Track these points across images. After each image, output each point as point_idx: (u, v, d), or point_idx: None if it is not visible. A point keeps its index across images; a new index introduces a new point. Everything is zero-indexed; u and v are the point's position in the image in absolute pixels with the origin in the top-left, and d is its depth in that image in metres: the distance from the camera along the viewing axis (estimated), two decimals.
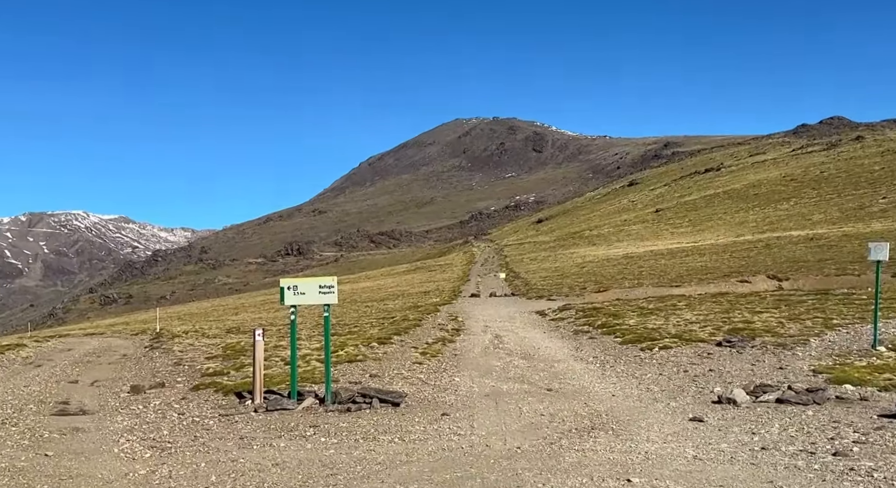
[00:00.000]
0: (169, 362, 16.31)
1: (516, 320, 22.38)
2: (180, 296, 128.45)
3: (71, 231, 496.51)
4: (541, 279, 45.13)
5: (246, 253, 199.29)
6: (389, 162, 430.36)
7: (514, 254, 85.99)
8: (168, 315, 51.77)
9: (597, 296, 28.45)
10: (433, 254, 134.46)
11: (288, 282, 10.18)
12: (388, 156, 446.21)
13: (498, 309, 27.51)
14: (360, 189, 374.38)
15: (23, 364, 18.01)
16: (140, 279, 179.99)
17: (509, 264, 69.61)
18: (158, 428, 8.75)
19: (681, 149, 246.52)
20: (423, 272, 76.07)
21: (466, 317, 23.54)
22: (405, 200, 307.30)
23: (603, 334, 16.66)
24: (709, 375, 10.99)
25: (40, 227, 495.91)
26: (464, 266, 78.75)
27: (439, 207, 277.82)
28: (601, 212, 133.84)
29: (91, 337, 30.93)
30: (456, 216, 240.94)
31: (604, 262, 52.37)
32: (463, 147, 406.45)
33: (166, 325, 33.35)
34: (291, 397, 9.88)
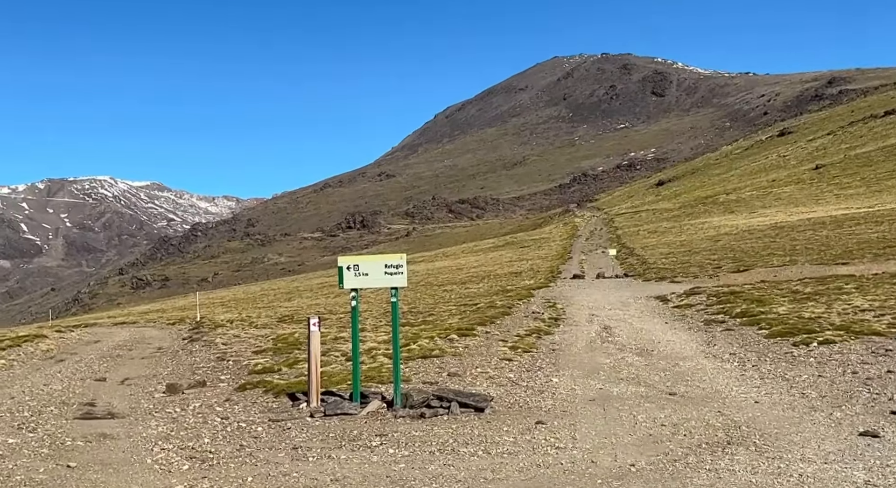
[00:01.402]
0: (211, 357, 16.98)
1: (630, 307, 22.05)
2: (224, 279, 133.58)
3: (96, 201, 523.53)
4: (662, 256, 44.19)
5: (300, 226, 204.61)
6: (472, 113, 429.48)
7: (627, 226, 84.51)
8: (210, 300, 54.02)
9: (735, 278, 27.64)
10: (525, 226, 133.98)
11: (347, 262, 10.32)
12: (470, 105, 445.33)
13: (607, 293, 27.17)
14: (435, 147, 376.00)
15: (43, 358, 19.20)
16: (177, 258, 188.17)
17: (621, 238, 68.52)
18: (199, 436, 9.12)
19: (850, 87, 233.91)
20: (514, 248, 75.98)
21: (567, 304, 23.37)
22: (491, 160, 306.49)
23: (743, 325, 16.20)
24: (886, 378, 10.46)
25: (61, 197, 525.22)
26: (564, 240, 78.10)
27: (533, 168, 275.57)
28: (741, 170, 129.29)
29: (121, 327, 32.65)
30: (554, 179, 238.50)
31: (744, 234, 50.67)
32: (563, 92, 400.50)
33: (208, 313, 34.80)
34: (354, 400, 10.09)
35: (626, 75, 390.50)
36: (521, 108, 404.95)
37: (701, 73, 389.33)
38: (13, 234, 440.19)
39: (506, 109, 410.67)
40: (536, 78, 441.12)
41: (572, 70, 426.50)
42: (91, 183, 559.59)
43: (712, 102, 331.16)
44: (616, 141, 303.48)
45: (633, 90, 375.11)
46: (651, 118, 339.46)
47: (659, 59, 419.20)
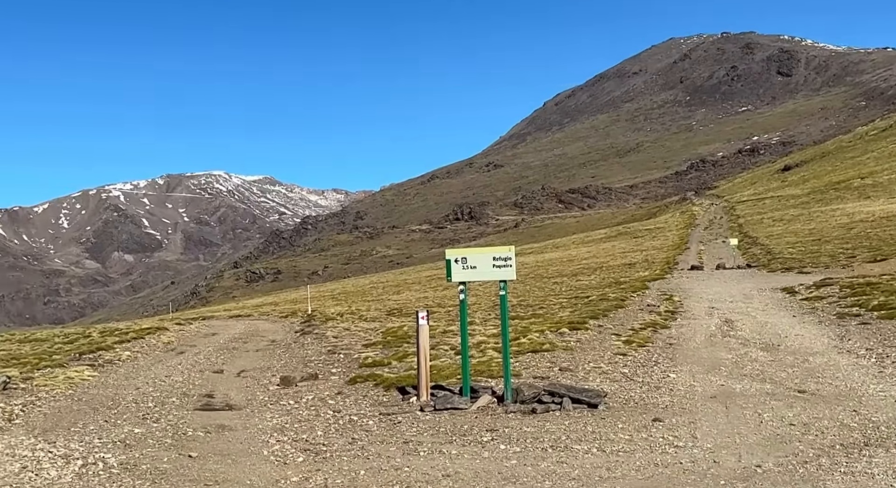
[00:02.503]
0: (322, 350, 17.50)
1: (754, 300, 21.33)
2: (334, 272, 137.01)
3: (212, 195, 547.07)
4: (788, 245, 42.45)
5: (407, 218, 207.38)
6: (582, 99, 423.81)
7: (749, 214, 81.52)
8: (320, 293, 55.56)
9: (871, 268, 26.26)
10: (639, 215, 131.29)
11: (455, 254, 10.40)
12: (580, 92, 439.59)
13: (728, 285, 26.39)
14: (544, 135, 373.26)
15: (164, 350, 20.25)
16: (288, 251, 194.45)
17: (743, 227, 66.24)
18: (312, 428, 9.42)
19: None
20: (627, 239, 74.63)
21: (685, 296, 22.83)
22: (602, 148, 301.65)
23: (881, 318, 15.40)
24: None
25: (179, 192, 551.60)
26: (681, 230, 76.14)
27: (647, 155, 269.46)
28: (879, 152, 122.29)
29: (236, 319, 34.05)
30: (669, 166, 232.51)
31: (881, 222, 48.00)
32: (679, 75, 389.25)
33: (319, 306, 35.81)
34: (463, 394, 10.17)
35: (749, 55, 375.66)
36: (634, 92, 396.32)
37: (833, 50, 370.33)
38: (136, 230, 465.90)
39: (618, 95, 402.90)
40: (651, 61, 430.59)
41: (690, 51, 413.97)
42: (207, 178, 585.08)
43: (845, 81, 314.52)
44: (737, 124, 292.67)
45: (756, 70, 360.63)
46: (776, 99, 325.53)
47: (785, 37, 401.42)
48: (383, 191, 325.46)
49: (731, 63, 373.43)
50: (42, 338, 25.78)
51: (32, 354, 19.45)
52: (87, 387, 13.42)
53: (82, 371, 15.16)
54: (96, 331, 27.35)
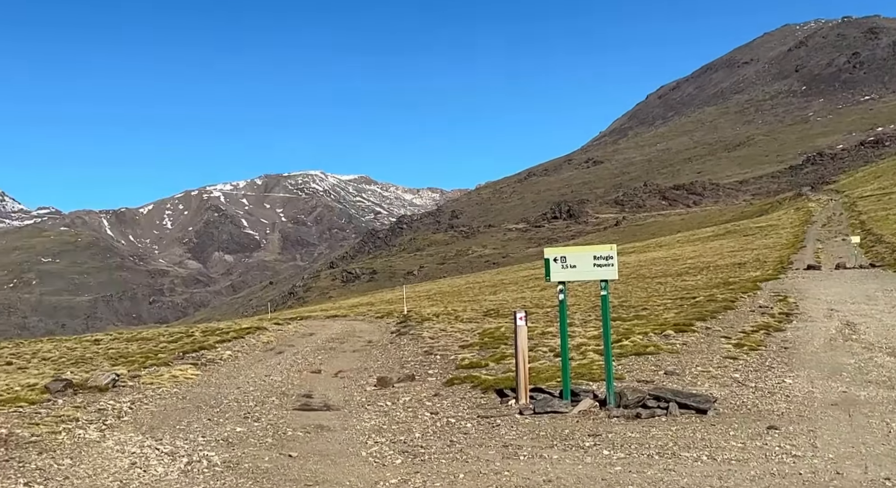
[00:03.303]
0: (418, 350, 17.68)
1: (878, 301, 20.36)
2: (429, 272, 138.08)
3: (308, 195, 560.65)
4: None
5: (504, 217, 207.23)
6: (688, 91, 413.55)
7: (873, 210, 77.83)
8: (416, 294, 56.12)
9: None
10: (750, 212, 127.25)
11: (554, 253, 10.33)
12: (686, 84, 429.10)
13: (849, 285, 25.29)
14: (647, 130, 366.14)
15: (263, 350, 20.88)
16: (384, 251, 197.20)
17: (866, 224, 63.31)
18: (409, 430, 9.53)
19: None
20: (736, 237, 72.44)
21: (800, 297, 22.00)
22: (709, 142, 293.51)
23: None
24: None
25: (277, 192, 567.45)
26: (795, 227, 73.39)
27: (758, 149, 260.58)
28: None
29: (333, 319, 34.76)
30: (783, 160, 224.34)
31: None
32: (794, 63, 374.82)
33: (414, 306, 36.18)
34: (564, 397, 10.09)
35: (873, 40, 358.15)
36: (744, 83, 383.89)
37: None
38: (235, 230, 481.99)
39: (727, 86, 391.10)
40: (763, 49, 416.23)
41: (806, 38, 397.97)
42: (303, 177, 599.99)
43: None
44: (859, 115, 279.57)
45: (881, 57, 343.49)
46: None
47: None
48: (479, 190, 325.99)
49: (853, 49, 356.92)
50: (148, 336, 26.99)
51: (139, 353, 20.39)
52: (191, 386, 13.96)
53: (186, 369, 15.78)
54: (199, 331, 28.44)
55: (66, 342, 27.58)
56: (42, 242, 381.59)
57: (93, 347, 23.88)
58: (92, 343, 25.85)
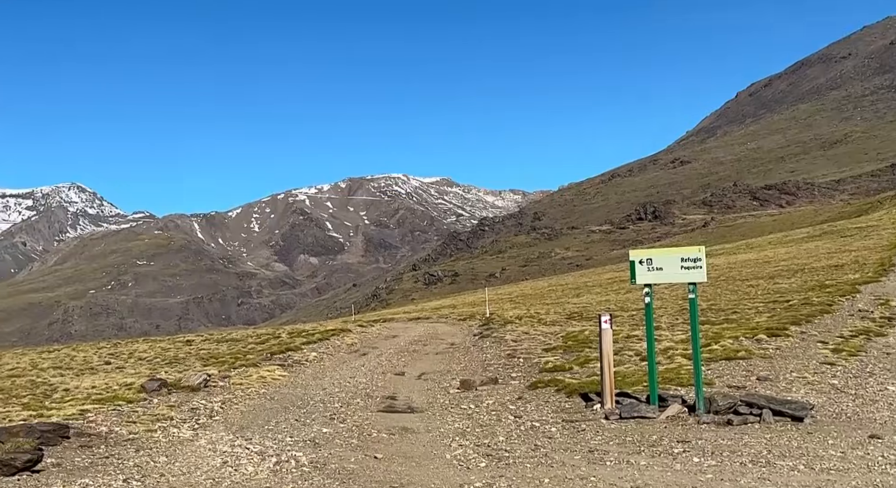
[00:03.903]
0: (501, 353, 17.66)
1: None
2: (511, 274, 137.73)
3: (391, 198, 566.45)
4: None
5: (587, 218, 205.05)
6: (781, 88, 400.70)
7: None
8: (498, 296, 56.03)
9: None
10: (847, 212, 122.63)
11: (640, 255, 10.20)
12: (778, 80, 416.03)
13: None
14: (737, 129, 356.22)
15: (348, 352, 21.20)
16: (465, 253, 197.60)
17: None
18: (493, 433, 9.53)
19: None
20: (833, 238, 69.88)
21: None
22: (804, 140, 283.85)
23: None
24: None
25: (360, 195, 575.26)
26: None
27: (857, 147, 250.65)
28: None
29: (416, 322, 35.01)
30: (884, 158, 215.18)
31: None
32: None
33: (497, 309, 36.11)
34: (651, 402, 9.93)
35: None
36: (842, 78, 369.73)
37: None
38: (320, 233, 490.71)
39: (823, 82, 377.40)
40: (863, 43, 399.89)
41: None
42: (386, 180, 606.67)
43: None
44: None
45: None
46: None
47: None
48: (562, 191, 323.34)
49: None
50: (237, 338, 27.73)
51: (229, 354, 20.97)
52: (279, 387, 14.28)
53: (273, 370, 16.15)
54: (285, 332, 29.07)
55: (161, 342, 28.57)
56: (137, 245, 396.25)
57: (185, 348, 24.67)
58: (184, 343, 26.71)
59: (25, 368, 20.87)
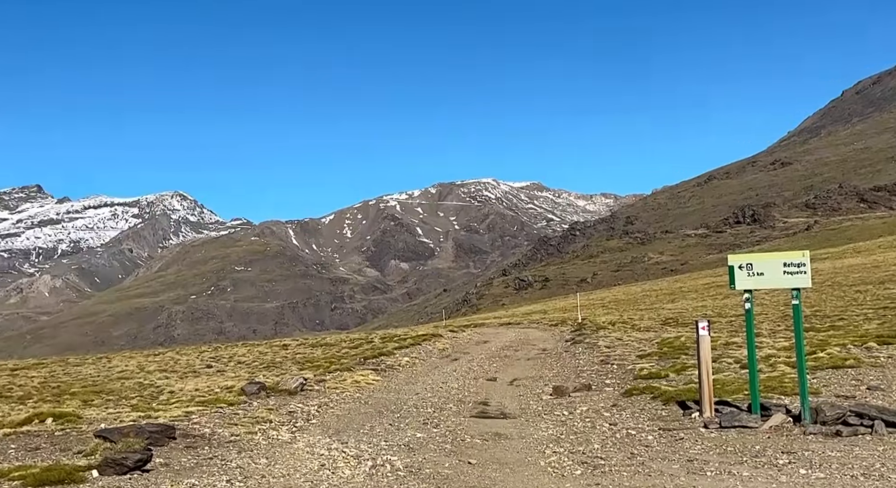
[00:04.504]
0: (594, 359, 17.50)
1: None
2: (603, 279, 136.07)
3: (481, 203, 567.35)
4: None
5: (682, 222, 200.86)
6: (891, 85, 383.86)
7: None
8: (589, 301, 55.48)
9: None
10: None
11: (739, 260, 9.96)
12: (888, 77, 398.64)
13: None
14: (842, 128, 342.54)
15: (440, 357, 21.35)
16: (556, 258, 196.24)
17: None
18: (588, 440, 9.42)
19: None
20: None
21: None
22: None
23: None
24: None
25: (450, 200, 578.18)
26: None
27: None
28: None
29: (506, 327, 35.01)
30: None
31: None
32: None
33: (588, 315, 35.78)
34: (752, 411, 9.64)
35: None
36: None
37: None
38: (410, 238, 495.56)
39: None
40: None
41: None
42: (476, 185, 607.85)
43: None
44: None
45: None
46: None
47: None
48: (655, 195, 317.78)
49: None
50: (331, 342, 28.32)
51: (323, 358, 21.42)
52: (372, 391, 14.49)
53: (367, 375, 16.41)
54: (378, 337, 29.52)
55: (258, 347, 29.42)
56: (235, 251, 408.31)
57: (282, 352, 25.33)
58: (281, 348, 27.42)
59: (133, 371, 21.81)
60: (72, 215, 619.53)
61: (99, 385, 18.05)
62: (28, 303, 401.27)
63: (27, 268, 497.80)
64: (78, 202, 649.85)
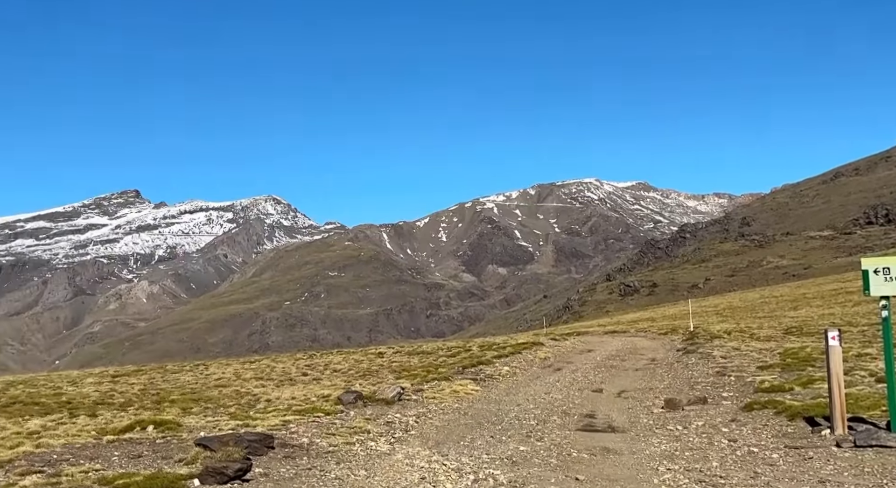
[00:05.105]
0: (709, 371, 17.05)
1: None
2: (716, 285, 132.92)
3: (583, 204, 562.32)
4: None
5: (805, 223, 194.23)
6: None
7: None
8: (702, 309, 54.21)
9: None
10: None
11: (875, 264, 9.55)
12: None
13: None
14: None
15: (541, 366, 21.21)
16: (664, 262, 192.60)
17: None
18: (705, 458, 9.16)
19: None
20: None
21: None
22: None
23: None
24: None
25: (550, 202, 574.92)
26: None
27: None
28: None
29: (611, 335, 34.54)
30: None
31: None
32: None
33: (701, 323, 34.96)
34: (892, 429, 9.21)
35: None
36: None
37: None
38: (508, 242, 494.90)
39: None
40: None
41: None
42: (577, 186, 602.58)
43: None
44: None
45: None
46: None
47: None
48: (774, 194, 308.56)
49: None
50: (427, 350, 28.53)
51: (420, 366, 21.59)
52: (472, 402, 14.50)
53: (466, 384, 16.44)
54: (475, 345, 29.58)
55: (354, 354, 29.90)
56: (329, 256, 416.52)
57: (377, 360, 25.67)
58: (376, 355, 27.79)
59: (230, 378, 22.50)
60: (168, 220, 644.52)
61: (197, 392, 18.69)
62: (126, 310, 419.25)
63: (125, 274, 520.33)
64: (174, 207, 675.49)
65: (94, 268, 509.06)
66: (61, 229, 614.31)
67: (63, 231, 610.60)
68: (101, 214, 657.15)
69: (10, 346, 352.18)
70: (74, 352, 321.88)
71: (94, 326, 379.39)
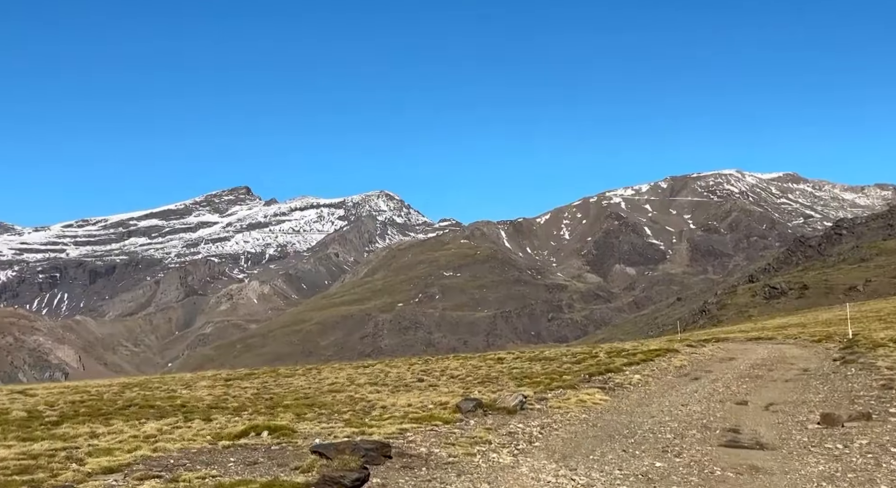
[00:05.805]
0: (872, 383, 16.31)
1: None
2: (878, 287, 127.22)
3: (721, 199, 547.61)
4: None
5: None
6: None
7: None
8: (862, 313, 51.93)
9: None
10: None
11: None
12: None
13: None
14: None
15: (676, 375, 20.73)
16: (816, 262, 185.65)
17: None
18: (872, 480, 8.74)
19: None
20: None
21: None
22: None
23: None
24: None
25: (684, 195, 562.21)
26: None
27: None
28: None
29: (756, 342, 33.47)
30: None
31: None
32: None
33: (861, 329, 33.50)
34: None
35: None
36: None
37: None
38: (637, 240, 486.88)
39: None
40: None
41: None
42: (715, 178, 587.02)
43: None
44: None
45: None
46: None
47: None
48: None
49: None
50: (550, 356, 28.35)
51: (543, 373, 21.47)
52: (600, 412, 14.29)
53: (593, 394, 16.22)
54: (603, 352, 29.22)
55: (471, 360, 30.02)
56: (444, 255, 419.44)
57: (497, 366, 25.68)
58: (495, 361, 27.82)
59: (344, 383, 22.97)
60: (279, 218, 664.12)
61: (310, 398, 19.12)
62: (238, 311, 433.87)
63: (236, 274, 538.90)
64: (285, 204, 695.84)
65: (205, 267, 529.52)
66: (173, 227, 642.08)
67: (175, 229, 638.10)
68: (212, 212, 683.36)
69: (123, 348, 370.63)
70: (186, 355, 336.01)
71: (206, 328, 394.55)
